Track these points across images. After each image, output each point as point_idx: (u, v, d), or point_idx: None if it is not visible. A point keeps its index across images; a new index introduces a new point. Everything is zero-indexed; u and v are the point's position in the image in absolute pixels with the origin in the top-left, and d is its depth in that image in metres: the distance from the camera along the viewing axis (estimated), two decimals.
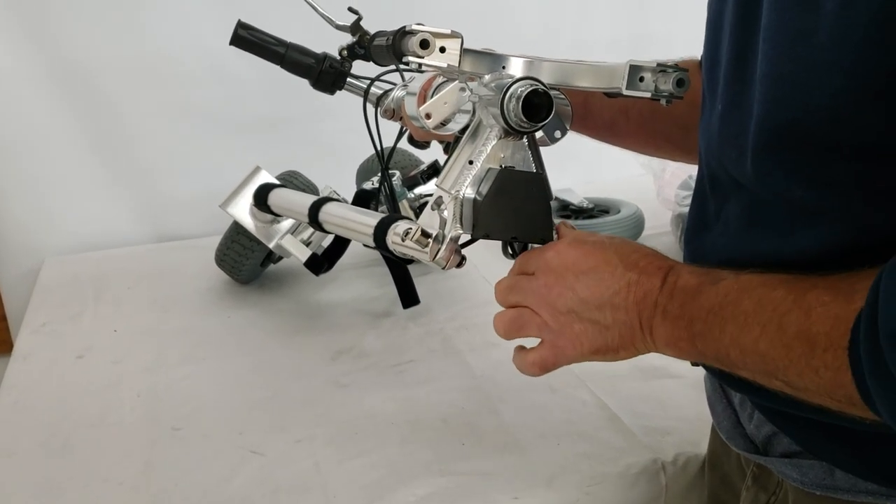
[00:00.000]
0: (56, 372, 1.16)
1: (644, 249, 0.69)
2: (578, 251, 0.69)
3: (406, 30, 0.72)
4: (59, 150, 1.60)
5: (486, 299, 1.36)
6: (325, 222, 1.09)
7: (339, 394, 1.10)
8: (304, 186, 1.38)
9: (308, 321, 1.30)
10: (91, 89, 1.58)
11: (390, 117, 1.12)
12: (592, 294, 0.68)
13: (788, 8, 0.55)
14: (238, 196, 1.31)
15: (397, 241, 0.84)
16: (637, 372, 1.13)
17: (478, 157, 0.74)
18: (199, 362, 1.18)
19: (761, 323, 0.56)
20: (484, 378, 1.12)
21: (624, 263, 0.67)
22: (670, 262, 0.67)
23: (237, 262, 1.36)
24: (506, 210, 0.74)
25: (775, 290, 0.56)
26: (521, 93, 0.70)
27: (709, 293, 0.60)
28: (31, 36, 1.53)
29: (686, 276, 0.63)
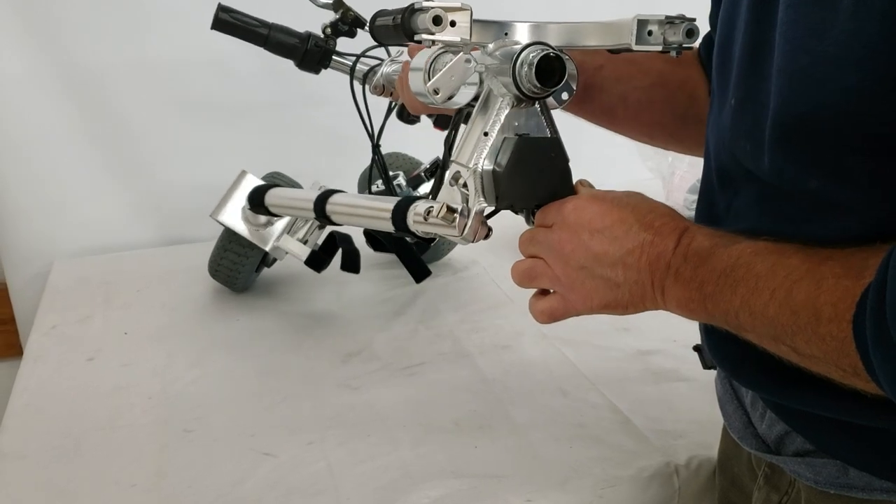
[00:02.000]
0: (67, 374, 1.16)
1: (661, 209, 0.69)
2: (595, 208, 0.70)
3: (416, 7, 0.71)
4: (67, 153, 1.60)
5: (496, 302, 1.37)
6: (333, 213, 1.08)
7: (350, 396, 1.10)
8: (290, 186, 1.37)
9: (317, 324, 1.30)
10: (99, 94, 1.58)
11: (380, 93, 1.11)
12: (605, 252, 0.68)
13: (805, 4, 0.55)
14: (227, 203, 1.30)
15: (419, 221, 0.83)
16: (648, 375, 1.13)
17: (492, 127, 0.74)
18: (209, 365, 1.18)
19: (772, 287, 0.56)
20: (495, 381, 1.12)
21: (639, 223, 0.67)
22: (686, 224, 0.67)
23: (233, 271, 1.34)
24: (527, 178, 0.74)
25: (790, 257, 0.57)
26: (532, 59, 0.70)
27: (721, 255, 0.61)
28: (39, 41, 1.52)
29: (700, 239, 0.64)
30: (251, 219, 1.29)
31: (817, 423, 0.67)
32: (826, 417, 0.65)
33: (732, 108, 0.66)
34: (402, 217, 0.87)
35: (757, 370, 0.71)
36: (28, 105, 1.55)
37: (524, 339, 1.23)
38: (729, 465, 0.88)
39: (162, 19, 1.57)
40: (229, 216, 1.29)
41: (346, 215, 1.07)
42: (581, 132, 0.95)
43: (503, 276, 1.45)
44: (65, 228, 1.62)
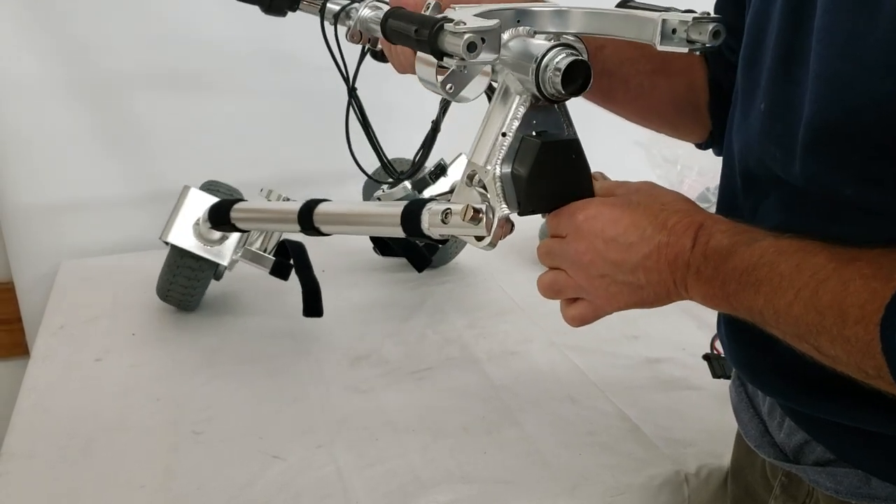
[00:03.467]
0: (75, 375, 1.16)
1: (674, 204, 0.69)
2: (607, 215, 0.69)
3: (445, 25, 0.67)
4: (75, 153, 1.59)
5: (504, 308, 1.37)
6: (324, 225, 1.02)
7: (359, 400, 1.09)
8: (228, 194, 1.32)
9: (326, 327, 1.30)
10: (108, 95, 1.58)
11: (357, 41, 1.07)
12: (623, 259, 0.68)
13: (844, 10, 0.55)
14: (175, 222, 1.25)
15: (436, 224, 0.80)
16: (658, 383, 1.13)
17: (510, 127, 0.72)
18: (217, 366, 1.18)
19: (797, 287, 0.56)
20: (503, 388, 1.12)
21: (653, 224, 0.67)
22: (701, 218, 0.66)
23: (187, 291, 1.28)
24: (549, 183, 0.72)
25: (815, 255, 0.56)
26: (560, 64, 0.67)
27: (743, 254, 0.60)
28: (48, 42, 1.52)
29: (718, 237, 0.63)
30: (205, 235, 1.25)
31: (839, 431, 0.67)
32: (848, 426, 0.65)
33: (762, 112, 0.66)
34: (416, 221, 0.83)
35: (778, 377, 0.71)
36: (36, 105, 1.55)
37: (532, 345, 1.23)
38: (742, 474, 0.88)
39: (171, 20, 1.57)
40: (180, 236, 1.24)
41: (344, 224, 1.03)
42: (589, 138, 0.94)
43: (510, 281, 1.46)
44: (72, 228, 1.62)
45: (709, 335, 1.15)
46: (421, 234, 0.84)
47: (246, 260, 1.27)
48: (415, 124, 1.17)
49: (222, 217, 1.20)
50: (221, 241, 1.26)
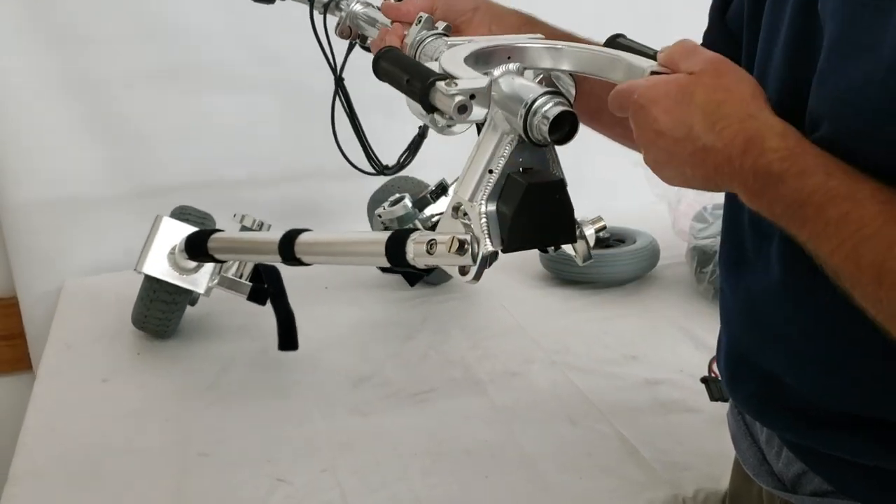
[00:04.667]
0: (82, 396, 1.18)
1: (730, 104, 0.64)
2: (659, 106, 0.65)
3: (436, 83, 0.68)
4: (79, 170, 1.61)
5: (506, 327, 1.39)
6: (306, 255, 1.01)
7: (362, 423, 1.11)
8: (200, 219, 1.33)
9: (329, 346, 1.32)
10: (116, 112, 1.59)
11: (347, 37, 1.08)
12: (672, 152, 0.66)
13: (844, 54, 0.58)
14: (149, 253, 1.25)
15: (421, 254, 0.80)
16: (656, 405, 1.14)
17: (497, 165, 0.73)
18: (223, 387, 1.20)
19: (840, 238, 0.56)
20: (505, 409, 1.14)
21: (701, 123, 0.63)
22: (752, 127, 0.62)
23: (163, 319, 1.29)
24: (533, 223, 0.73)
25: (864, 207, 0.56)
26: (550, 114, 0.68)
27: (792, 185, 0.59)
28: (57, 57, 1.54)
29: (769, 156, 0.60)
30: (180, 263, 1.25)
31: (837, 464, 0.69)
32: (846, 459, 0.67)
33: None
34: (400, 251, 0.83)
35: (777, 411, 0.73)
36: (43, 121, 1.57)
37: (534, 366, 1.25)
38: (740, 501, 0.89)
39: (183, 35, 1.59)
40: (155, 266, 1.25)
41: (326, 255, 1.03)
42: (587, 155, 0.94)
43: (511, 300, 1.47)
44: (77, 245, 1.63)
45: (706, 356, 1.16)
46: (406, 264, 0.83)
47: (223, 287, 1.27)
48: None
49: (199, 248, 1.21)
50: (197, 269, 1.26)
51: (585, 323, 1.37)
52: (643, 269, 1.50)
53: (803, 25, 0.66)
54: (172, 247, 1.26)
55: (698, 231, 1.48)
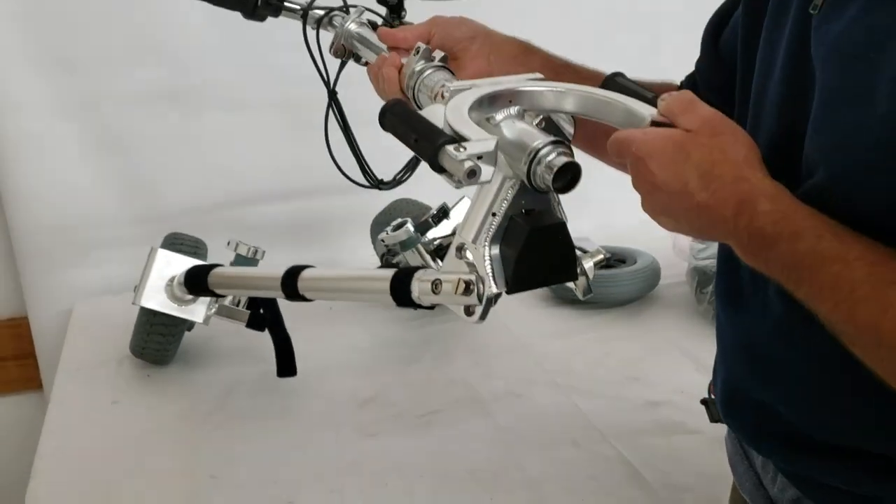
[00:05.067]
0: (93, 418, 1.20)
1: (723, 165, 0.65)
2: (657, 160, 0.66)
3: (447, 145, 0.68)
4: (88, 193, 1.63)
5: (508, 346, 1.41)
6: (309, 290, 1.01)
7: (368, 443, 1.13)
8: (192, 246, 1.35)
9: (335, 367, 1.34)
10: (121, 133, 1.62)
11: (341, 56, 1.08)
12: (669, 204, 0.67)
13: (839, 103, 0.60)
14: (147, 285, 1.26)
15: (426, 293, 0.81)
16: (657, 427, 1.16)
17: (500, 208, 0.74)
18: (230, 409, 1.22)
19: (835, 300, 0.58)
20: (508, 430, 1.16)
21: (697, 180, 0.64)
22: (744, 190, 0.63)
23: (161, 348, 1.31)
24: (536, 265, 0.74)
25: (854, 270, 0.57)
26: (554, 164, 0.68)
27: (784, 248, 0.61)
28: (60, 78, 1.56)
29: (762, 219, 0.62)
30: (178, 294, 1.27)
31: (831, 491, 0.71)
32: (840, 488, 0.69)
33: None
34: (405, 290, 0.84)
35: (772, 440, 0.75)
36: (51, 145, 1.59)
37: (536, 387, 1.27)
38: None
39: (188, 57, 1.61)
40: (153, 299, 1.26)
41: (330, 291, 1.03)
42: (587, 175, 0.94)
43: (513, 320, 1.49)
44: (87, 266, 1.65)
45: (706, 378, 1.18)
46: (411, 302, 0.84)
47: (221, 315, 1.28)
48: None
49: (199, 283, 1.23)
50: (194, 299, 1.28)
51: (587, 344, 1.39)
52: (644, 289, 1.53)
53: (796, 68, 0.68)
54: (170, 277, 1.27)
55: (698, 252, 1.50)
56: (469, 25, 0.99)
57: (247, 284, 1.21)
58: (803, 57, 0.67)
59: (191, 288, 1.25)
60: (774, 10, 0.74)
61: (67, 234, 1.63)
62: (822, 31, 0.64)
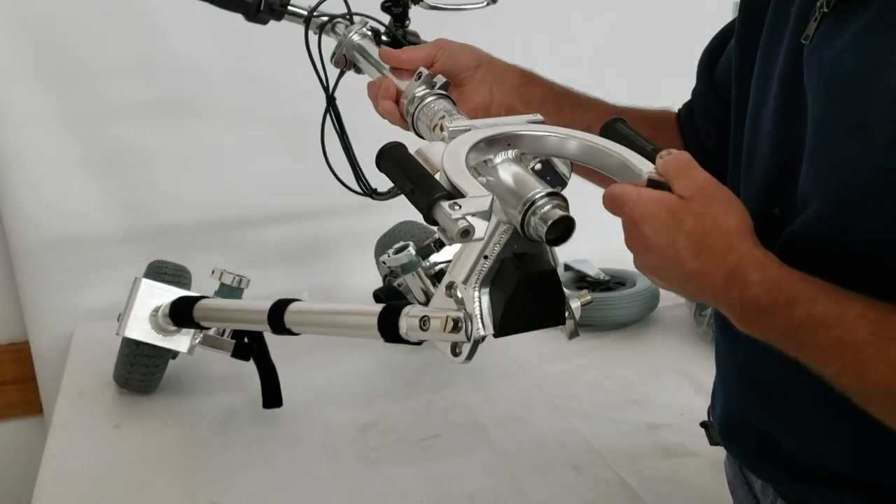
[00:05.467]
0: (94, 443, 1.20)
1: (714, 235, 0.65)
2: (650, 224, 0.67)
3: (440, 202, 0.67)
4: (89, 216, 1.64)
5: (507, 370, 1.41)
6: (296, 324, 1.01)
7: (369, 469, 1.13)
8: (176, 274, 1.34)
9: (335, 391, 1.34)
10: (123, 157, 1.63)
11: (342, 66, 1.08)
12: (659, 268, 0.68)
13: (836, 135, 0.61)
14: (131, 315, 1.25)
15: (414, 328, 0.80)
16: (657, 450, 1.16)
17: (492, 251, 0.74)
18: (231, 434, 1.22)
19: (842, 362, 0.58)
20: (508, 455, 1.16)
21: (688, 249, 0.65)
22: (733, 259, 0.64)
23: (145, 378, 1.30)
24: (524, 310, 0.74)
25: (856, 330, 0.58)
26: (548, 217, 0.68)
27: (781, 315, 0.61)
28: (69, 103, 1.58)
29: (754, 289, 0.63)
30: (163, 325, 1.26)
31: None
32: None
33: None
34: (393, 325, 0.83)
35: (771, 465, 0.76)
36: (51, 171, 1.60)
37: (536, 410, 1.27)
38: None
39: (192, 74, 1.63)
40: (138, 329, 1.25)
41: (317, 325, 1.02)
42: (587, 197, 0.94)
43: (512, 343, 1.47)
44: (88, 290, 1.66)
45: (706, 400, 1.18)
46: (399, 338, 0.83)
47: (206, 346, 1.27)
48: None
49: (184, 315, 1.22)
50: (179, 329, 1.27)
51: (587, 367, 1.40)
52: (643, 311, 1.53)
53: (789, 97, 0.69)
54: (155, 308, 1.26)
55: None
56: (473, 53, 0.99)
57: (233, 318, 1.20)
58: (796, 86, 0.68)
59: (176, 320, 1.24)
60: (767, 40, 0.75)
61: (68, 258, 1.64)
62: (814, 60, 0.66)
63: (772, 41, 0.74)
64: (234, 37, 1.57)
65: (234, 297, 1.31)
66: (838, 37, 0.63)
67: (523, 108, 0.96)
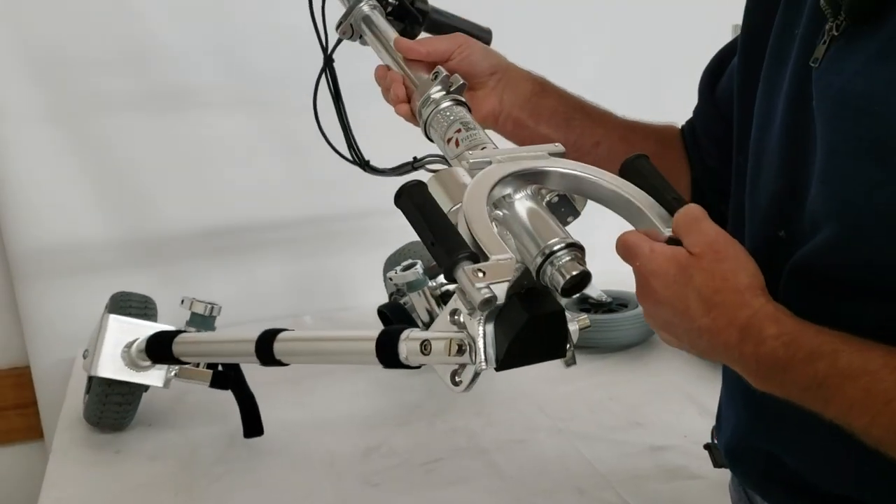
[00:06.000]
0: (95, 468, 1.20)
1: (725, 292, 0.65)
2: (660, 280, 0.67)
3: (461, 263, 0.67)
4: (90, 241, 1.65)
5: (509, 394, 1.40)
6: (287, 354, 0.97)
7: (372, 494, 1.13)
8: (141, 304, 1.31)
9: (338, 415, 1.34)
10: (130, 191, 1.64)
11: (348, 37, 1.04)
12: (670, 323, 0.68)
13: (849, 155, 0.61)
14: (101, 353, 1.22)
15: (415, 353, 0.78)
16: (661, 472, 1.16)
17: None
18: (233, 460, 1.21)
19: (872, 414, 0.57)
20: (511, 479, 1.15)
21: (699, 305, 0.65)
22: (745, 316, 0.63)
23: (119, 414, 1.26)
24: (528, 347, 0.72)
25: (883, 380, 0.57)
26: (567, 271, 0.68)
27: (802, 370, 0.60)
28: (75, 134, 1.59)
29: (770, 343, 0.62)
30: (136, 360, 1.22)
31: None
32: None
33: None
34: (392, 351, 0.81)
35: (779, 487, 0.75)
36: (52, 195, 1.60)
37: (539, 433, 1.27)
38: None
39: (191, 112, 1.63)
40: (109, 367, 1.22)
41: (310, 354, 1.00)
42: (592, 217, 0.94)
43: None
44: (89, 315, 1.64)
45: (709, 422, 1.17)
46: (398, 363, 0.81)
47: (181, 378, 1.25)
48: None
49: (163, 352, 1.18)
50: (152, 365, 1.24)
51: (590, 389, 1.39)
52: (646, 333, 1.53)
53: (796, 120, 0.69)
54: (126, 343, 1.23)
55: None
56: (491, 59, 0.97)
57: (216, 351, 1.16)
58: (804, 109, 0.68)
59: (153, 356, 1.20)
60: (772, 62, 0.75)
61: (70, 283, 1.64)
62: (824, 83, 0.65)
63: (776, 63, 0.74)
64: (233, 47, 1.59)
65: (207, 326, 1.28)
66: (849, 60, 0.63)
67: (532, 122, 0.96)
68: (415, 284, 1.38)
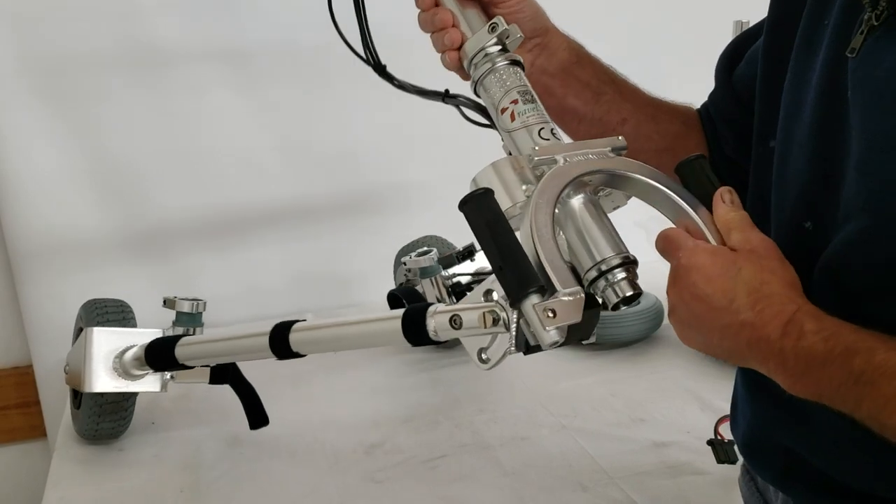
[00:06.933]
0: (99, 467, 1.20)
1: (772, 284, 0.65)
2: (704, 272, 0.67)
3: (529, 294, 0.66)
4: (94, 240, 1.65)
5: (513, 390, 1.40)
6: (305, 344, 0.96)
7: (376, 490, 1.13)
8: (117, 308, 1.29)
9: (342, 411, 1.34)
10: (131, 187, 1.64)
11: None
12: (705, 318, 0.67)
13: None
14: (93, 369, 1.17)
15: (444, 327, 0.77)
16: (664, 468, 1.16)
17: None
18: (237, 457, 1.21)
19: None
20: (515, 475, 1.15)
21: (744, 299, 0.65)
22: (791, 310, 0.63)
23: (116, 424, 1.24)
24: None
25: None
26: (621, 290, 0.68)
27: (839, 365, 0.60)
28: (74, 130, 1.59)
29: (810, 338, 0.62)
30: (130, 370, 1.18)
31: None
32: None
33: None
34: (420, 327, 0.80)
35: (798, 482, 0.75)
36: (59, 197, 1.60)
37: (542, 430, 1.27)
38: None
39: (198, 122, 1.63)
40: (102, 381, 1.17)
41: (332, 341, 0.97)
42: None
43: (518, 361, 1.48)
44: None
45: (712, 418, 1.18)
46: (427, 339, 0.81)
47: (180, 380, 1.22)
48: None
49: (165, 358, 1.14)
50: (146, 373, 1.20)
51: (593, 385, 1.39)
52: (648, 329, 1.53)
53: (829, 110, 0.68)
54: (117, 354, 1.19)
55: None
56: (538, 22, 0.93)
57: (228, 351, 1.12)
58: (837, 99, 0.67)
59: (155, 365, 1.16)
60: (801, 51, 0.74)
61: (72, 282, 1.64)
62: (862, 74, 0.65)
63: (806, 53, 0.73)
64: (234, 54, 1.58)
65: (195, 324, 1.25)
66: (888, 51, 0.62)
67: (560, 92, 0.93)
68: (428, 271, 1.40)
